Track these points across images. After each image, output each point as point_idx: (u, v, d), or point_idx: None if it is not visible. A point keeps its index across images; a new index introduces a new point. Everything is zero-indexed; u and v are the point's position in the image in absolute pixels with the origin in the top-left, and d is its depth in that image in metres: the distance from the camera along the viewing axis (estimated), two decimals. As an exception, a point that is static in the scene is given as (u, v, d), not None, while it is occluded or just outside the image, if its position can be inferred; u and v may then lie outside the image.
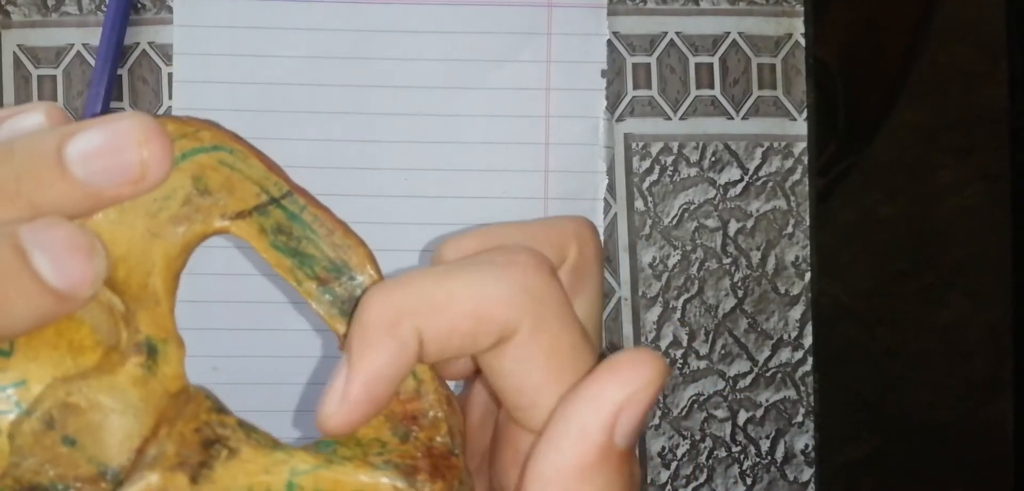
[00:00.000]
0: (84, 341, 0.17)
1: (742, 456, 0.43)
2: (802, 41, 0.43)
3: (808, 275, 0.43)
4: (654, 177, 0.43)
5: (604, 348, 0.42)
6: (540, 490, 0.18)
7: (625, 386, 0.18)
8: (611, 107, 0.42)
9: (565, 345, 0.19)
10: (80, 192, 0.17)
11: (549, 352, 0.19)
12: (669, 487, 0.43)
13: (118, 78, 0.41)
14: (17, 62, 0.42)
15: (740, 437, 0.43)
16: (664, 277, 0.43)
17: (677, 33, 0.43)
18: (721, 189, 0.43)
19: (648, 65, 0.43)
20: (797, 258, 0.43)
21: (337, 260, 0.20)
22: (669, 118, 0.43)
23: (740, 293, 0.43)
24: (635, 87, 0.43)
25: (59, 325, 0.17)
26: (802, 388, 0.43)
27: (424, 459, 0.18)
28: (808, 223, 0.43)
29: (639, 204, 0.43)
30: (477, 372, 0.22)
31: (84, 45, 0.42)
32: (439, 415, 0.19)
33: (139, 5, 0.42)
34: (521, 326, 0.19)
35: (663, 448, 0.43)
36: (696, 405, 0.43)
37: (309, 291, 0.20)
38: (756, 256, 0.43)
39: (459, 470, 0.19)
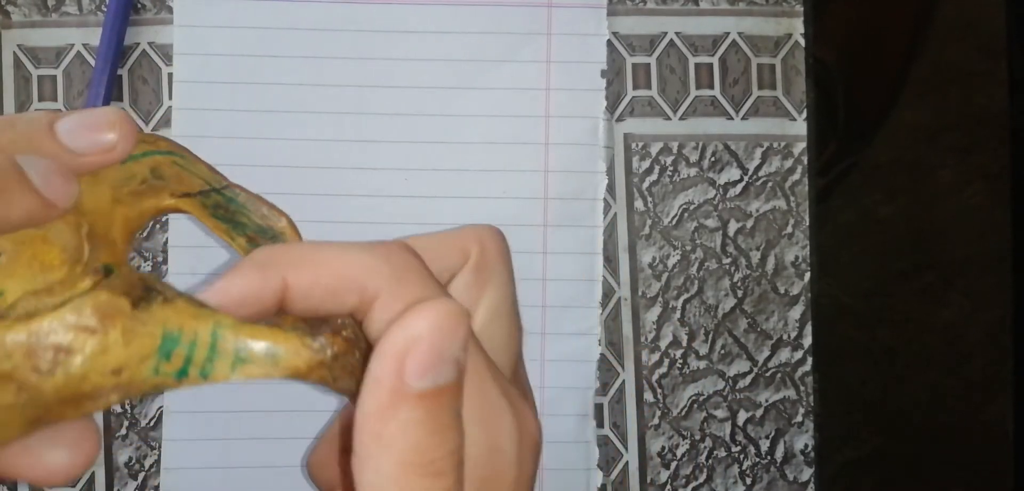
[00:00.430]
0: (53, 261, 0.21)
1: (742, 456, 0.43)
2: (802, 41, 0.43)
3: (808, 275, 0.43)
4: (654, 177, 0.43)
5: (602, 348, 0.42)
6: (355, 436, 0.20)
7: (405, 331, 0.20)
8: (611, 107, 0.42)
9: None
10: (65, 154, 0.22)
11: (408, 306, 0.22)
12: (669, 487, 0.43)
13: (118, 78, 0.41)
14: (17, 62, 0.42)
15: (740, 437, 0.43)
16: (664, 277, 0.43)
17: (677, 33, 0.43)
18: (721, 189, 0.43)
19: (648, 65, 0.43)
20: (797, 258, 0.43)
21: (264, 226, 0.25)
22: (669, 118, 0.43)
23: (740, 293, 0.43)
24: (635, 87, 0.43)
25: (35, 249, 0.21)
26: (802, 388, 0.43)
27: (330, 331, 0.21)
28: (808, 223, 0.43)
29: (639, 204, 0.43)
30: None
31: (84, 45, 0.42)
32: (348, 324, 0.22)
33: (139, 5, 0.42)
34: (380, 291, 0.22)
35: (663, 448, 0.43)
36: (696, 405, 0.43)
37: (241, 246, 0.24)
38: (756, 256, 0.43)
39: (360, 346, 0.22)
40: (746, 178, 0.43)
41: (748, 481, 0.43)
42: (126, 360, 0.20)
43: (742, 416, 0.43)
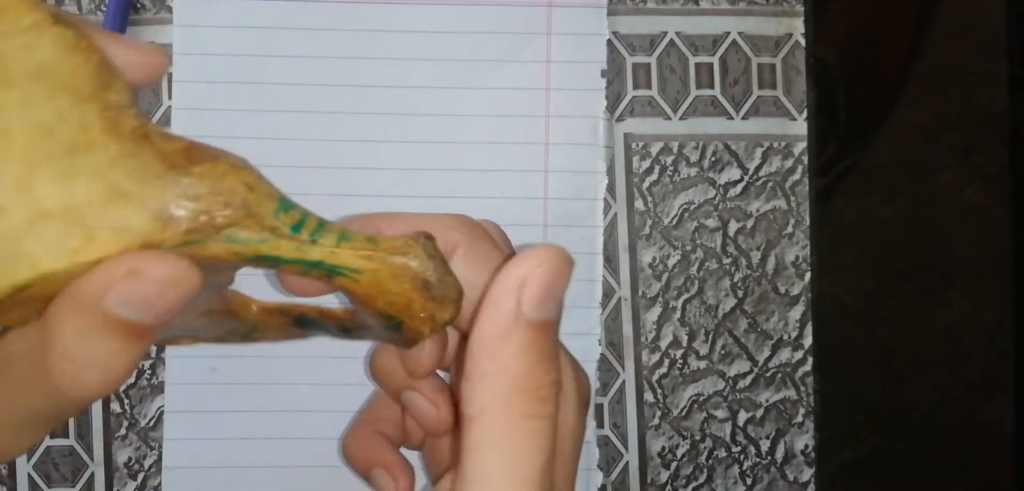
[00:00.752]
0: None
1: (742, 456, 0.43)
2: (802, 41, 0.43)
3: (808, 275, 0.43)
4: (654, 177, 0.43)
5: (603, 348, 0.42)
6: (470, 358, 0.22)
7: (524, 265, 0.22)
8: (611, 107, 0.42)
9: (496, 257, 0.28)
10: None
11: (483, 261, 0.27)
12: (669, 487, 0.43)
13: (118, 78, 0.41)
14: (17, 62, 0.41)
15: (740, 437, 0.43)
16: (664, 277, 0.43)
17: (677, 33, 0.43)
18: (721, 189, 0.43)
19: (648, 65, 0.43)
20: (797, 258, 0.43)
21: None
22: (669, 118, 0.43)
23: (740, 293, 0.43)
24: (635, 87, 0.43)
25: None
26: (802, 388, 0.43)
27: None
28: (808, 223, 0.43)
29: (639, 204, 0.43)
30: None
31: (84, 45, 0.42)
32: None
33: (139, 5, 0.42)
34: (459, 243, 0.27)
35: (663, 448, 0.43)
36: (696, 405, 0.43)
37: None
38: (756, 256, 0.43)
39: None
40: (746, 178, 0.43)
41: (748, 481, 0.43)
42: (255, 182, 0.23)
43: (742, 416, 0.43)
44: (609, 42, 0.42)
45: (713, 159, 0.43)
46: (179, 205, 0.22)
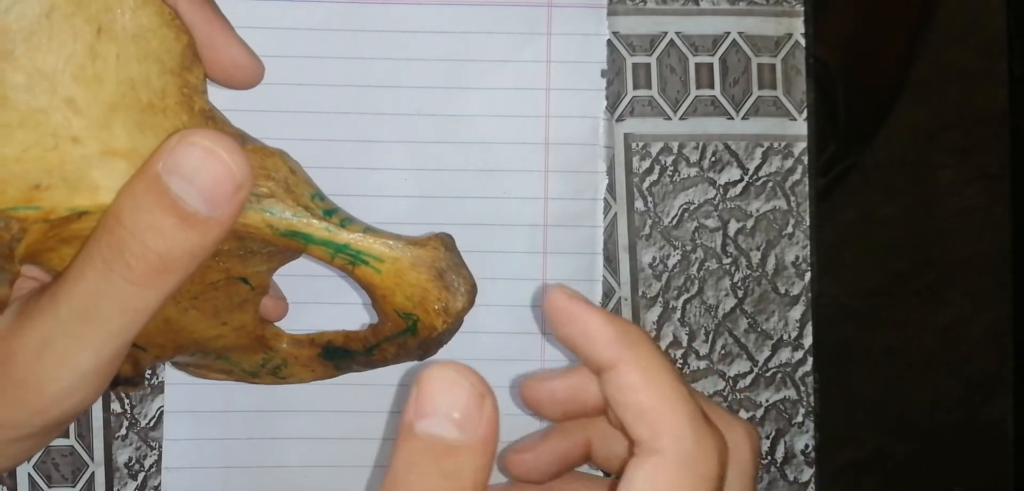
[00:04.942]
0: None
1: (742, 456, 0.43)
2: (802, 41, 0.43)
3: (808, 275, 0.43)
4: (654, 177, 0.43)
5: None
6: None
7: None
8: (611, 107, 0.42)
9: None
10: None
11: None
12: (669, 487, 0.43)
13: (118, 78, 0.41)
14: (17, 62, 0.41)
15: (740, 437, 0.43)
16: (664, 277, 0.43)
17: (677, 33, 0.43)
18: (721, 189, 0.43)
19: (648, 65, 0.43)
20: (797, 258, 0.43)
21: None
22: (669, 118, 0.43)
23: (740, 293, 0.43)
24: (635, 87, 0.43)
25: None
26: (802, 388, 0.43)
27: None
28: (808, 223, 0.43)
29: (639, 204, 0.43)
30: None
31: (84, 45, 0.42)
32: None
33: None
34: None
35: (663, 448, 0.43)
36: (696, 405, 0.43)
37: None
38: (756, 256, 0.43)
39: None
40: (746, 178, 0.43)
41: (748, 481, 0.43)
42: (296, 168, 0.27)
43: (743, 416, 0.43)
44: (609, 42, 0.42)
45: (713, 159, 0.43)
46: None
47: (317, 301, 0.40)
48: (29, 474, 0.41)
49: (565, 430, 0.31)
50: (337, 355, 0.33)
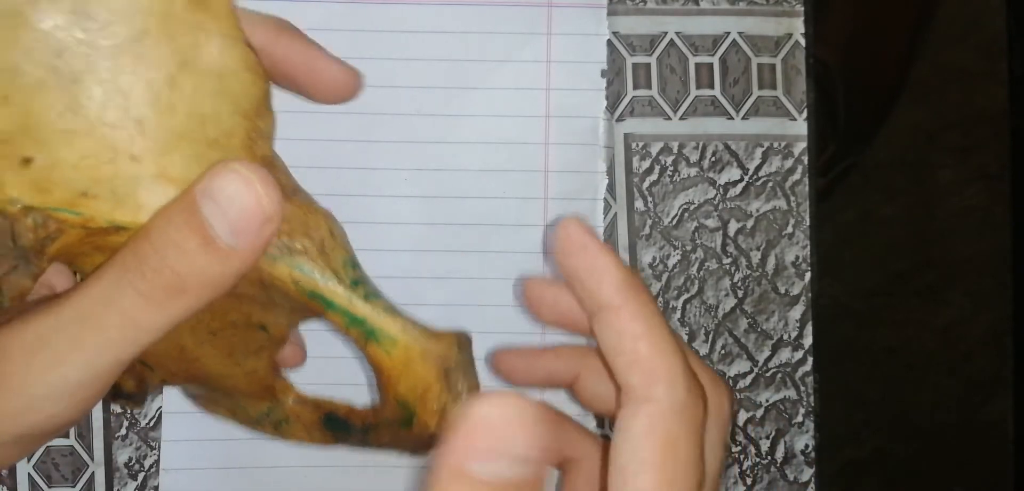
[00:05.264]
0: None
1: (742, 456, 0.43)
2: (802, 41, 0.43)
3: (808, 275, 0.43)
4: (654, 177, 0.43)
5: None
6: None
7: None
8: (611, 107, 0.42)
9: None
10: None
11: None
12: (669, 487, 0.43)
13: (118, 78, 0.41)
14: (17, 62, 0.41)
15: (740, 437, 0.43)
16: (664, 277, 0.43)
17: (677, 33, 0.43)
18: (721, 189, 0.43)
19: (648, 65, 0.43)
20: (797, 258, 0.43)
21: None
22: (669, 118, 0.43)
23: (740, 293, 0.43)
24: (635, 87, 0.43)
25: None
26: (802, 388, 0.43)
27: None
28: (808, 223, 0.43)
29: (639, 204, 0.43)
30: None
31: (84, 45, 0.42)
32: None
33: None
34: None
35: (663, 448, 0.43)
36: (696, 405, 0.43)
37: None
38: (756, 256, 0.43)
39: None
40: (746, 178, 0.43)
41: (748, 481, 0.43)
42: (337, 232, 0.27)
43: (742, 416, 0.43)
44: (609, 42, 0.42)
45: (713, 159, 0.43)
46: None
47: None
48: (29, 474, 0.41)
49: (561, 354, 0.31)
50: (337, 426, 0.33)
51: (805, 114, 0.43)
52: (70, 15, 0.24)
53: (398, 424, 0.28)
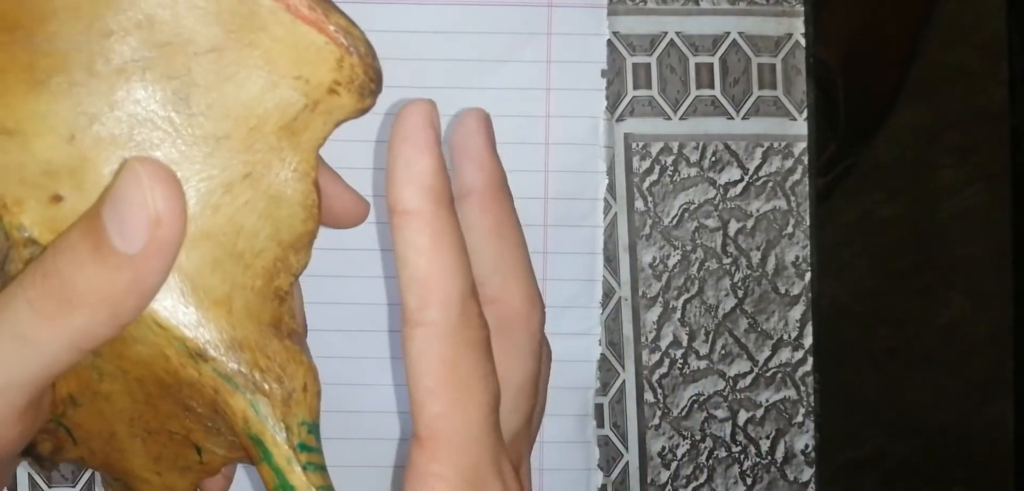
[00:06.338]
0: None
1: (742, 456, 0.43)
2: (802, 41, 0.43)
3: (808, 275, 0.43)
4: (654, 177, 0.43)
5: (603, 349, 0.42)
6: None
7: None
8: (611, 107, 0.42)
9: None
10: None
11: None
12: (669, 487, 0.43)
13: (118, 78, 0.41)
14: (17, 62, 0.41)
15: (740, 437, 0.43)
16: (664, 277, 0.43)
17: (677, 33, 0.43)
18: (721, 189, 0.43)
19: (648, 65, 0.43)
20: (797, 258, 0.43)
21: None
22: (669, 118, 0.43)
23: (740, 293, 0.43)
24: (635, 87, 0.43)
25: None
26: (802, 388, 0.43)
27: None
28: (808, 223, 0.43)
29: (639, 204, 0.43)
30: None
31: (84, 45, 0.41)
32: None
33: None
34: None
35: (663, 448, 0.43)
36: (696, 405, 0.43)
37: None
38: (756, 256, 0.43)
39: None
40: (746, 178, 0.43)
41: (749, 481, 0.43)
42: (312, 391, 0.26)
43: (742, 416, 0.43)
44: (609, 42, 0.42)
45: (713, 159, 0.43)
46: (254, 347, 0.25)
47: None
48: (29, 474, 0.41)
49: None
50: None
51: (805, 114, 0.43)
52: (170, 96, 0.24)
53: None
